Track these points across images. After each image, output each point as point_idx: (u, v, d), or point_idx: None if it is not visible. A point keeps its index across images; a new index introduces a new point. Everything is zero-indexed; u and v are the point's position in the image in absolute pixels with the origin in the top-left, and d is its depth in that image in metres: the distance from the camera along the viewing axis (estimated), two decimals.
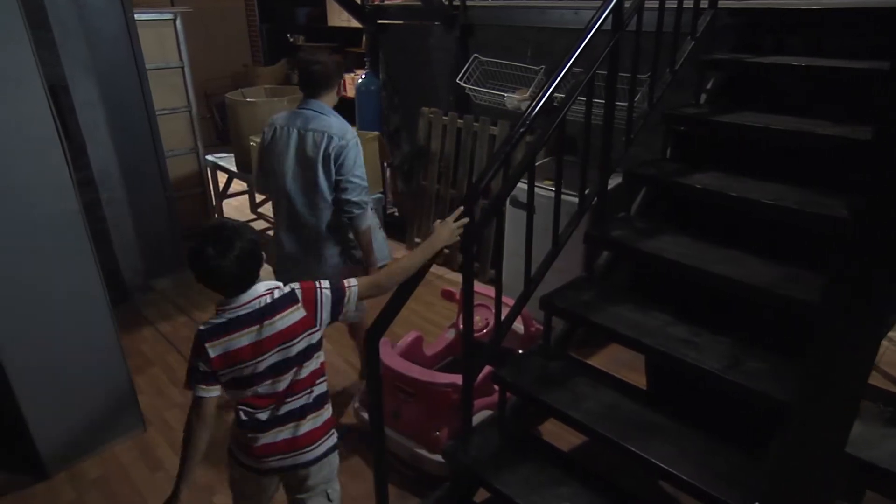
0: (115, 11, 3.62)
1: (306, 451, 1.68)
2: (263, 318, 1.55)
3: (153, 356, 3.31)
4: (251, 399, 1.61)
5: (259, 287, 1.59)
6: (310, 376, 1.64)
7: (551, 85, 1.93)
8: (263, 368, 1.57)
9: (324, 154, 2.35)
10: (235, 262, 1.50)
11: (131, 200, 3.85)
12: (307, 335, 1.60)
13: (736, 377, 1.76)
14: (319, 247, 2.50)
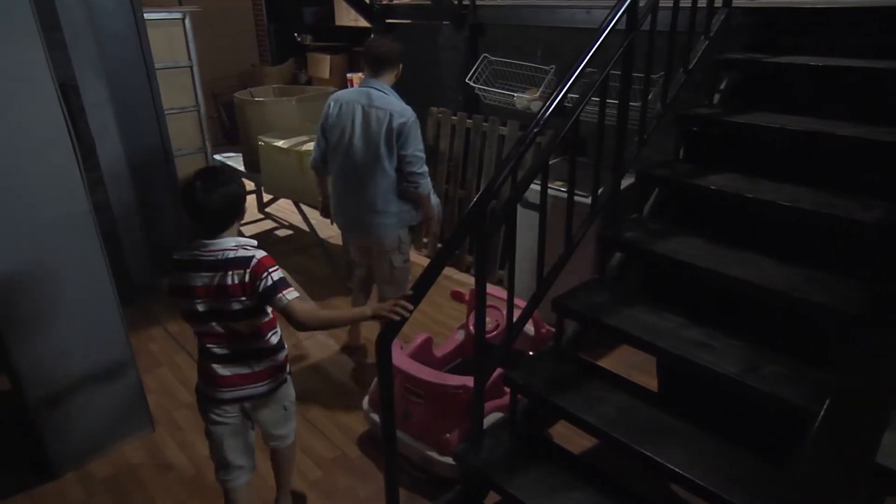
0: (125, 11, 3.61)
1: (260, 385, 1.90)
2: (218, 269, 1.72)
3: (161, 356, 3.31)
4: (207, 336, 1.83)
5: (229, 241, 1.75)
6: (258, 329, 1.84)
7: (565, 85, 1.91)
8: (205, 310, 1.77)
9: (386, 130, 2.58)
10: (220, 201, 1.70)
11: (140, 200, 3.85)
12: (240, 299, 1.74)
13: (754, 381, 1.74)
14: (378, 214, 2.73)
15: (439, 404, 2.34)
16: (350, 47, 6.58)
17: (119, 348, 2.61)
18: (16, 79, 2.08)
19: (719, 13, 2.57)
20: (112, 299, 2.54)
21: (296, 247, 4.63)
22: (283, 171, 3.79)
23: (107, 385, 2.60)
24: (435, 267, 1.76)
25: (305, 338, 3.45)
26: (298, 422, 2.76)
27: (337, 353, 3.32)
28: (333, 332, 3.50)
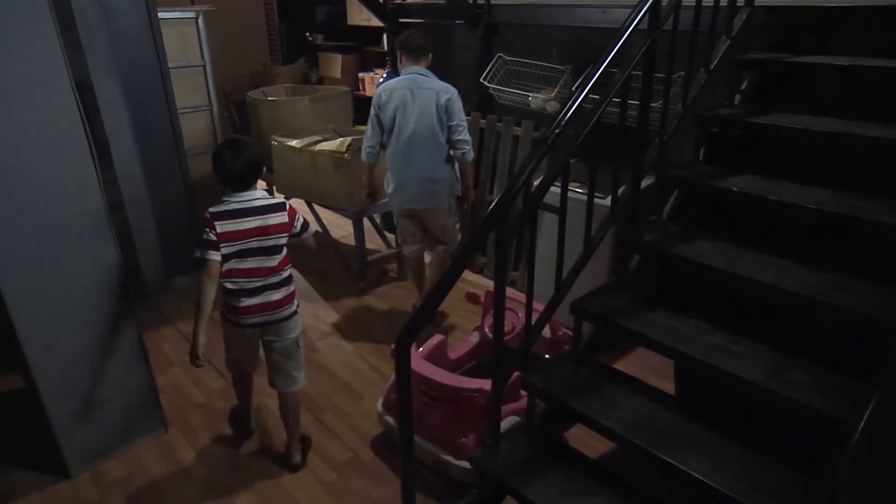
0: (140, 11, 3.61)
1: (279, 311, 2.34)
2: (262, 213, 2.22)
3: (174, 355, 3.30)
4: (241, 272, 2.25)
5: (257, 193, 2.26)
6: (280, 263, 2.30)
7: (587, 85, 1.87)
8: (248, 248, 2.22)
9: (437, 106, 2.96)
10: (243, 164, 2.19)
11: (153, 200, 3.85)
12: (280, 235, 2.26)
13: (779, 388, 1.70)
14: (436, 182, 3.10)
15: (455, 407, 2.32)
16: (362, 47, 6.55)
17: (133, 348, 2.60)
18: (34, 77, 2.07)
19: (741, 12, 2.53)
20: (127, 300, 2.54)
21: None
22: (296, 171, 3.78)
23: (120, 385, 2.59)
24: (454, 270, 1.73)
25: (318, 339, 3.44)
26: (312, 423, 2.77)
27: (350, 354, 3.30)
28: (347, 333, 3.49)
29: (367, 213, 3.76)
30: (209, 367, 3.18)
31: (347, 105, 4.59)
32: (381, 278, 4.09)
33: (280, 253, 2.29)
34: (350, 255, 4.20)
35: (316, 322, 3.60)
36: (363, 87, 6.23)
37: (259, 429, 2.76)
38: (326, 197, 3.74)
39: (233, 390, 2.76)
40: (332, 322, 3.60)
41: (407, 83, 3.00)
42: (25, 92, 2.06)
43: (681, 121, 2.38)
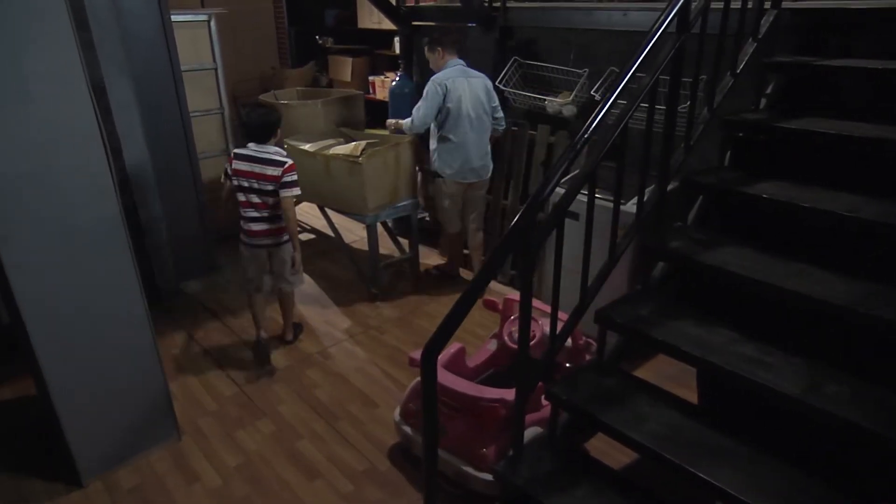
0: (153, 13, 3.59)
1: (273, 238, 3.06)
2: (262, 163, 2.92)
3: (186, 362, 3.26)
4: (249, 204, 2.99)
5: (270, 148, 2.95)
6: (274, 204, 2.97)
7: (616, 90, 1.83)
8: (248, 186, 2.95)
9: (485, 91, 3.60)
10: (256, 121, 2.95)
11: (164, 203, 3.81)
12: (271, 183, 2.91)
13: (819, 403, 1.64)
14: (487, 156, 3.72)
15: (476, 418, 2.27)
16: (372, 50, 6.54)
17: (147, 356, 2.56)
18: (51, 79, 2.04)
19: (768, 14, 2.48)
20: (141, 305, 2.50)
21: (318, 251, 4.58)
22: (309, 175, 3.74)
23: (134, 393, 2.56)
24: (480, 280, 1.68)
25: (331, 345, 3.39)
26: (327, 432, 2.72)
27: (365, 361, 3.25)
28: (360, 340, 3.44)
29: (380, 218, 3.72)
30: (222, 374, 3.14)
31: (360, 108, 4.55)
32: (394, 283, 4.04)
33: (272, 197, 2.94)
34: (362, 260, 4.16)
35: (328, 328, 3.56)
36: (373, 91, 6.21)
37: (266, 440, 2.71)
38: (339, 201, 3.70)
39: (245, 397, 2.86)
40: (344, 328, 3.55)
41: (461, 73, 3.52)
42: (42, 95, 2.03)
43: (706, 125, 2.33)
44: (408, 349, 3.32)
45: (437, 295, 3.92)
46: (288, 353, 3.32)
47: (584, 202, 1.89)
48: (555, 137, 3.65)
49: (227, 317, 3.69)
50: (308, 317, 3.68)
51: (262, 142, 2.95)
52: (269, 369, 3.16)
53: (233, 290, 3.99)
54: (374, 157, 3.47)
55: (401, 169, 3.68)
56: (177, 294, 3.92)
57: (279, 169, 2.88)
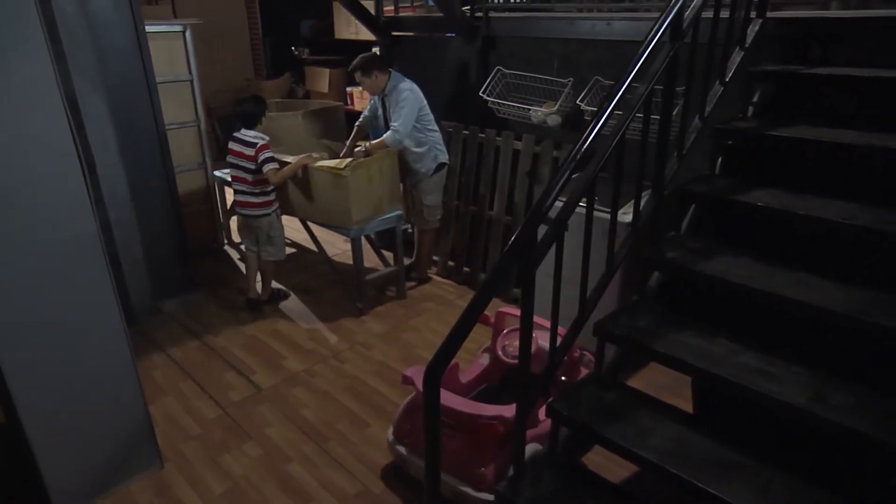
0: (126, 23, 3.48)
1: (253, 210, 3.59)
2: (244, 145, 3.47)
3: (165, 384, 3.14)
4: (237, 178, 3.56)
5: (251, 133, 3.49)
6: (253, 182, 3.52)
7: (612, 101, 1.80)
8: (236, 164, 3.52)
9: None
10: (241, 111, 3.51)
11: (139, 219, 3.70)
12: (249, 163, 3.47)
13: (825, 413, 1.63)
14: None
15: (473, 436, 2.21)
16: (349, 61, 6.45)
17: (126, 378, 2.44)
18: (24, 92, 1.94)
19: (753, 24, 2.50)
20: (119, 325, 2.39)
21: (301, 265, 4.47)
22: (292, 188, 3.66)
23: (112, 418, 2.43)
24: (482, 298, 1.63)
25: (317, 362, 3.30)
26: (317, 454, 2.63)
27: (352, 378, 3.17)
28: (347, 357, 3.36)
29: (365, 231, 3.64)
30: (204, 396, 3.03)
31: (340, 119, 4.49)
32: (379, 298, 3.96)
33: (251, 174, 3.49)
34: (346, 274, 4.07)
35: (314, 345, 3.46)
36: (352, 102, 6.14)
37: (253, 464, 2.61)
38: (323, 215, 3.62)
39: (229, 419, 2.80)
40: (330, 345, 3.46)
41: (406, 79, 3.70)
42: (15, 108, 1.93)
43: (698, 134, 2.33)
44: (396, 365, 3.25)
45: (423, 309, 3.86)
46: (273, 372, 3.21)
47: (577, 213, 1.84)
48: (540, 147, 3.63)
49: (207, 336, 3.57)
50: (292, 334, 3.58)
51: (250, 127, 3.48)
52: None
53: (212, 308, 3.87)
54: (359, 169, 3.41)
55: (385, 181, 3.62)
56: (153, 313, 3.79)
57: (253, 150, 3.41)
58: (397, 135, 3.58)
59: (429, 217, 3.96)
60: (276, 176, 3.45)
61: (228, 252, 4.72)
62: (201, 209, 4.54)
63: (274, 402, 2.97)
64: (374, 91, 3.74)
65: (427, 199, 3.89)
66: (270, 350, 3.41)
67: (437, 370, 1.59)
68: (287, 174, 3.51)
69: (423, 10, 5.20)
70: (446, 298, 3.98)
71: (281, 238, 3.74)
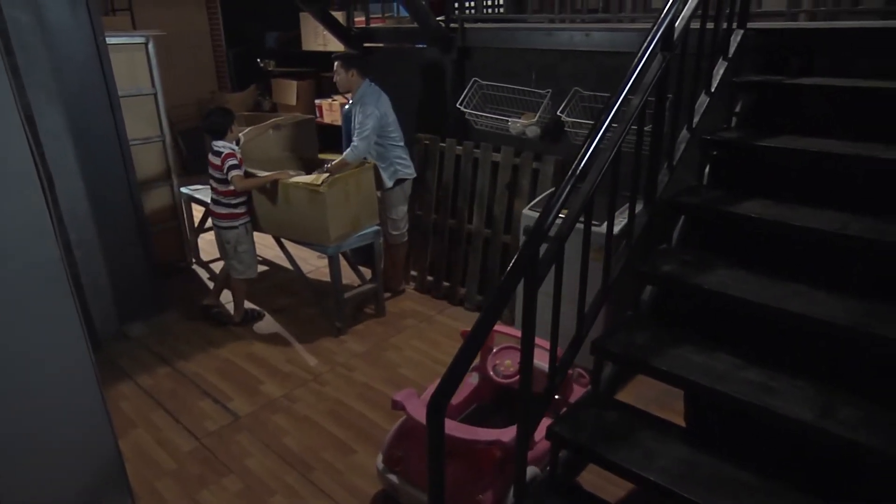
0: (85, 35, 3.31)
1: (220, 221, 3.54)
2: (215, 154, 3.40)
3: (135, 415, 2.96)
4: (211, 188, 3.52)
5: (221, 143, 3.41)
6: (223, 192, 3.46)
7: (609, 114, 1.76)
8: (210, 174, 3.48)
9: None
10: (209, 122, 3.46)
11: (103, 240, 3.51)
12: (219, 172, 3.41)
13: (835, 429, 1.60)
14: None
15: (470, 462, 2.12)
16: (317, 73, 6.35)
17: (92, 410, 2.28)
18: None
19: (735, 34, 2.50)
20: (84, 355, 2.23)
21: (274, 284, 4.31)
22: (267, 205, 3.53)
23: (79, 455, 2.26)
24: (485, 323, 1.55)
25: (296, 387, 3.16)
26: (302, 485, 2.52)
27: (334, 402, 3.04)
28: (328, 379, 3.23)
29: (342, 248, 3.53)
30: (178, 427, 2.86)
31: (312, 133, 4.37)
32: (358, 315, 3.84)
33: (220, 184, 3.44)
34: (323, 292, 3.94)
35: (292, 368, 3.32)
36: (321, 114, 6.01)
37: (233, 500, 2.47)
38: (299, 232, 3.49)
39: (206, 451, 2.67)
40: (310, 367, 3.33)
41: (376, 91, 3.68)
42: None
43: (687, 145, 2.31)
44: (380, 386, 3.14)
45: (404, 326, 3.76)
46: (251, 398, 3.07)
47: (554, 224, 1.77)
48: (520, 159, 3.58)
49: (178, 361, 3.39)
50: (269, 357, 3.43)
51: (219, 138, 3.42)
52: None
53: (182, 331, 3.70)
54: (336, 185, 3.30)
55: (362, 195, 3.52)
56: (119, 339, 3.60)
57: (219, 158, 3.37)
58: (356, 150, 3.54)
59: (392, 230, 3.91)
60: (242, 183, 3.38)
61: (197, 271, 4.54)
62: (168, 227, 4.36)
63: (253, 431, 2.82)
64: (343, 88, 3.75)
65: (390, 212, 3.85)
66: (246, 374, 3.25)
67: (441, 403, 1.51)
68: (253, 184, 3.44)
69: (394, 20, 5.14)
70: (426, 314, 3.89)
71: (249, 255, 3.61)
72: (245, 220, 3.56)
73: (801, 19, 3.37)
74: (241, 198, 3.48)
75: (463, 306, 3.95)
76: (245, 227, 3.56)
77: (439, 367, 3.30)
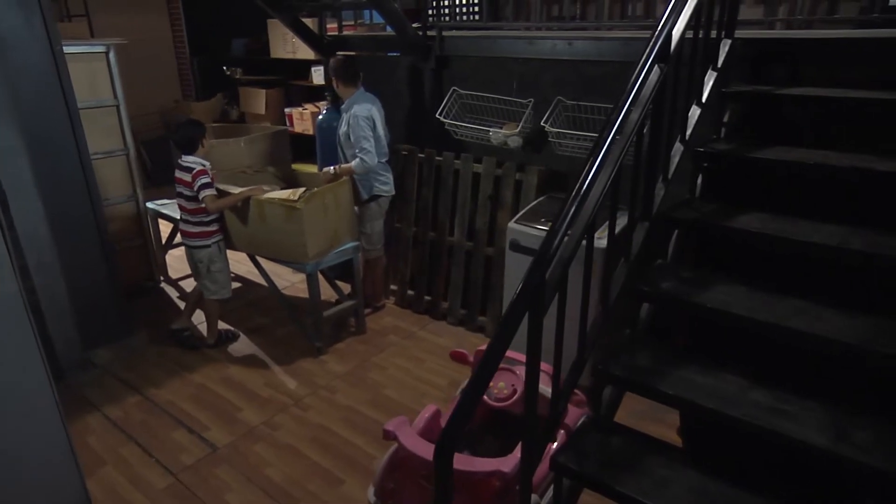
0: (40, 43, 3.11)
1: (190, 240, 3.38)
2: (183, 171, 3.25)
3: (104, 451, 2.77)
4: (180, 205, 3.36)
5: (191, 158, 3.26)
6: (192, 209, 3.30)
7: (612, 130, 1.68)
8: (179, 192, 3.32)
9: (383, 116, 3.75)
10: (177, 137, 3.33)
11: (64, 262, 3.29)
12: (188, 189, 3.24)
13: (851, 454, 1.55)
14: None
15: (468, 494, 2.02)
16: (286, 81, 6.19)
17: (56, 448, 2.13)
18: None
19: (723, 44, 2.47)
20: (46, 389, 2.08)
21: (248, 302, 4.15)
22: (240, 222, 3.37)
23: (43, 499, 2.10)
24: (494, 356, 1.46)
25: (276, 413, 3.01)
26: None
27: (318, 428, 2.90)
28: (309, 403, 3.09)
29: (321, 266, 3.39)
30: (151, 462, 2.69)
31: (286, 145, 4.22)
32: (338, 334, 3.71)
33: (189, 202, 3.28)
34: (300, 309, 3.79)
35: (272, 392, 3.17)
36: (291, 124, 5.85)
37: None
38: (275, 250, 3.35)
39: (182, 487, 2.52)
40: (290, 390, 3.18)
41: (370, 100, 3.59)
42: None
43: (681, 157, 2.26)
44: (365, 410, 3.02)
45: (386, 343, 3.64)
46: (229, 427, 2.91)
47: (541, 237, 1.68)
48: (502, 170, 3.50)
49: (149, 389, 3.21)
50: (247, 380, 3.28)
51: (188, 153, 3.27)
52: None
53: (151, 356, 3.51)
54: (313, 200, 3.17)
55: (340, 210, 3.39)
56: (84, 366, 3.38)
57: (189, 175, 3.21)
58: (365, 164, 3.47)
59: (366, 245, 3.81)
60: (215, 204, 3.24)
61: (166, 290, 4.33)
62: (134, 245, 4.15)
63: (233, 463, 2.67)
64: (341, 92, 3.64)
65: (364, 226, 3.76)
66: (223, 401, 3.09)
67: (449, 447, 1.39)
68: (227, 203, 3.30)
69: (365, 28, 5.02)
70: (408, 330, 3.78)
71: (223, 275, 3.47)
72: (218, 237, 3.40)
73: (777, 28, 3.38)
74: (212, 214, 3.33)
75: (446, 321, 3.85)
76: (218, 246, 3.41)
77: (425, 386, 3.20)
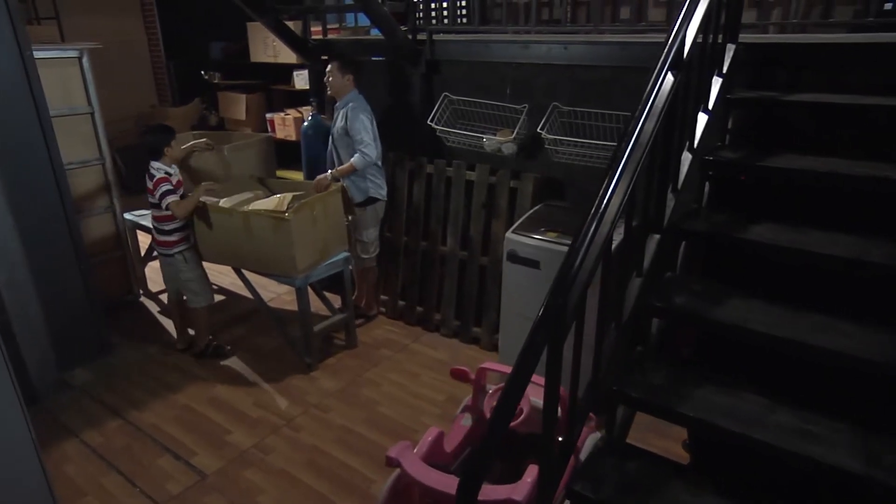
0: (8, 48, 2.96)
1: (166, 249, 3.27)
2: (150, 178, 3.16)
3: (83, 481, 2.60)
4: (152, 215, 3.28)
5: (157, 164, 3.16)
6: (162, 217, 3.21)
7: (630, 142, 1.59)
8: (149, 200, 3.21)
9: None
10: (150, 137, 3.21)
11: (37, 277, 3.13)
12: (152, 196, 3.16)
13: (886, 479, 1.48)
14: None
15: None
16: (267, 85, 6.02)
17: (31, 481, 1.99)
18: None
19: (728, 49, 2.40)
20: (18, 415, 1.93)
21: (234, 316, 3.99)
22: (225, 235, 3.21)
23: None
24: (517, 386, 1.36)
25: (267, 434, 2.87)
26: None
27: (311, 450, 2.77)
28: (301, 423, 2.95)
29: (311, 279, 3.26)
30: (134, 491, 2.54)
31: (270, 152, 4.08)
32: (328, 348, 3.58)
33: (154, 209, 3.21)
34: (288, 323, 3.66)
35: (262, 412, 3.03)
36: (273, 129, 5.68)
37: None
38: (263, 263, 3.21)
39: None
40: (281, 410, 3.05)
41: (365, 101, 3.51)
42: None
43: (689, 166, 2.19)
44: (359, 428, 2.90)
45: (378, 357, 3.52)
46: (217, 451, 2.76)
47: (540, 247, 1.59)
48: (496, 177, 3.41)
49: (131, 411, 3.04)
50: (235, 400, 3.13)
51: (155, 158, 3.17)
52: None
53: (133, 375, 3.34)
54: (302, 210, 3.04)
55: (330, 221, 3.27)
56: (60, 388, 3.21)
57: (152, 182, 3.14)
58: (366, 158, 3.41)
59: (361, 253, 3.71)
60: (180, 209, 3.14)
61: (146, 304, 4.15)
62: (111, 258, 3.97)
63: (223, 491, 2.53)
64: (334, 90, 3.54)
65: (359, 233, 3.66)
66: (211, 423, 2.94)
67: (475, 485, 1.29)
68: (190, 204, 3.19)
69: (349, 31, 4.90)
70: (401, 343, 3.66)
71: (198, 282, 3.38)
72: (182, 246, 3.28)
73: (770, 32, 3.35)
74: (175, 223, 3.21)
75: (439, 332, 3.75)
76: (183, 255, 3.29)
77: (421, 402, 3.09)
